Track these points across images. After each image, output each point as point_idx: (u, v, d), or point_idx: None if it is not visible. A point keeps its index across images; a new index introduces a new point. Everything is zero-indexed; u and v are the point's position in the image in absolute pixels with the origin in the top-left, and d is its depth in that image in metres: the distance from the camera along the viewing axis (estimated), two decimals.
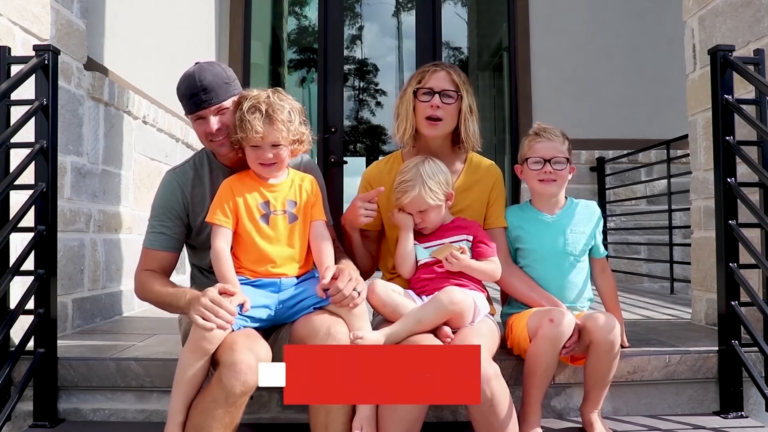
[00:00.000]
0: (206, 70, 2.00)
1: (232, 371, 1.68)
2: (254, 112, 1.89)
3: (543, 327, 1.93)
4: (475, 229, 2.13)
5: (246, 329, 1.84)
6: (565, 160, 2.16)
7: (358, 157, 6.42)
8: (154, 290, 1.98)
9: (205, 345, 1.73)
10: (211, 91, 1.97)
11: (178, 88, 2.02)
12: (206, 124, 1.99)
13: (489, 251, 2.09)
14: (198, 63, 2.04)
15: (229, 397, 1.69)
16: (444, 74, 2.17)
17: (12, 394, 2.06)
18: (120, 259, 3.23)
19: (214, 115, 1.98)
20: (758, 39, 2.49)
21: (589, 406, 2.06)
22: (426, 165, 2.07)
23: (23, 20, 2.39)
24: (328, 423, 1.81)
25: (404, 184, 2.06)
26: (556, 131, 2.19)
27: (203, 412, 1.73)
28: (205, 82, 1.97)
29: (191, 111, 2.01)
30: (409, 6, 6.22)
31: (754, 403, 2.25)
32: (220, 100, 1.98)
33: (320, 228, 2.00)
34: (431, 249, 2.08)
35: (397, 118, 2.24)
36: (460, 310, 1.89)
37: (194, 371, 1.75)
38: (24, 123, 2.13)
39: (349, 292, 1.84)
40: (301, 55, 6.51)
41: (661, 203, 4.86)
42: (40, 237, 2.14)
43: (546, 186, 2.17)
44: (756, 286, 2.31)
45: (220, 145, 2.02)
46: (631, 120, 5.20)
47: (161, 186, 2.10)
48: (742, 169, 2.33)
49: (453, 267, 2.03)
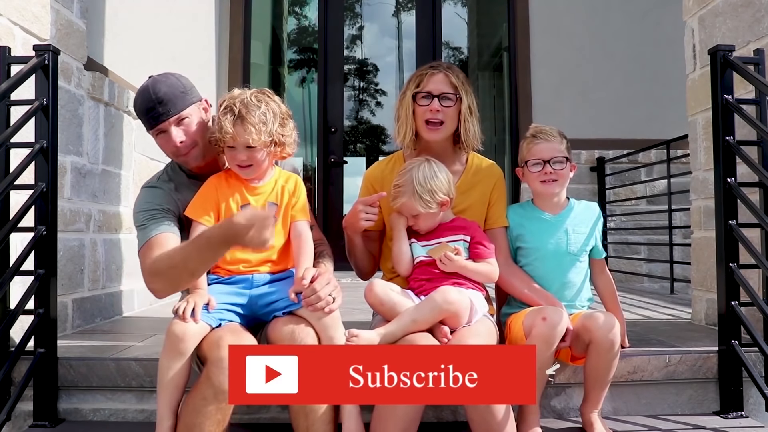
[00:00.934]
0: (160, 82, 1.96)
1: (220, 367, 1.68)
2: (227, 112, 1.86)
3: (536, 326, 1.94)
4: (474, 229, 2.12)
5: (231, 324, 1.84)
6: (565, 159, 2.16)
7: (358, 157, 6.42)
8: (166, 255, 1.83)
9: (180, 346, 1.73)
10: (168, 102, 1.93)
11: (135, 104, 1.99)
12: (170, 138, 1.95)
13: (486, 253, 2.08)
14: (151, 76, 2.00)
15: (218, 393, 1.69)
16: (442, 77, 2.16)
17: (12, 394, 2.07)
18: (120, 259, 3.23)
19: (176, 126, 1.95)
20: (758, 39, 2.49)
21: (589, 406, 2.06)
22: (420, 171, 2.03)
23: (23, 20, 2.39)
24: (308, 426, 1.80)
25: (396, 189, 2.06)
26: (553, 131, 2.19)
27: (194, 411, 1.73)
28: (161, 94, 1.92)
29: (151, 126, 1.96)
30: (409, 6, 6.22)
31: (754, 403, 2.25)
32: (178, 110, 1.94)
33: (301, 228, 1.97)
34: (429, 247, 2.08)
35: (397, 121, 2.24)
36: (455, 309, 1.89)
37: (174, 373, 1.75)
38: (24, 123, 2.13)
39: (324, 296, 1.80)
40: (301, 55, 6.51)
41: (661, 203, 4.86)
42: (40, 237, 2.14)
43: (548, 186, 2.17)
44: (756, 286, 2.31)
45: (192, 158, 1.99)
46: (631, 120, 5.20)
47: (142, 195, 2.01)
48: (742, 169, 2.33)
49: (447, 268, 2.02)
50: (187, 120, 1.96)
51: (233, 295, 1.90)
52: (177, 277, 1.82)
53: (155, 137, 2.00)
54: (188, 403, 1.75)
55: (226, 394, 1.66)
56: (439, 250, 2.03)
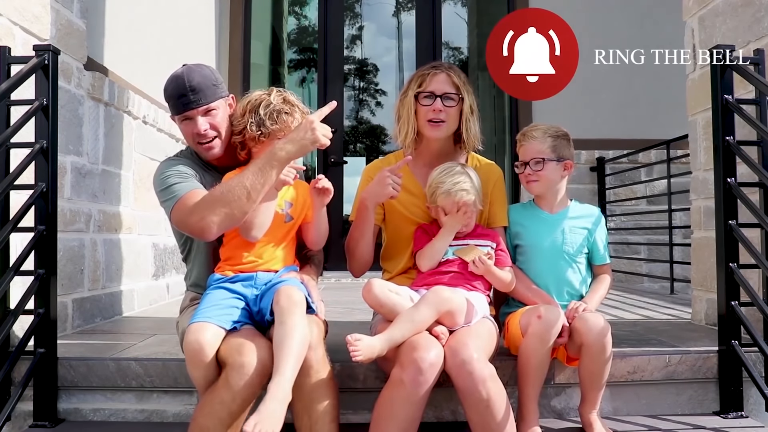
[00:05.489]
0: (195, 71, 2.01)
1: (240, 373, 1.69)
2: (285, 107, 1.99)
3: (532, 324, 1.95)
4: (496, 237, 2.18)
5: (247, 329, 1.85)
6: (542, 160, 2.16)
7: (358, 157, 6.43)
8: (220, 184, 1.88)
9: (200, 356, 1.75)
10: (200, 92, 1.98)
11: (166, 88, 2.03)
12: (194, 125, 2.00)
13: (508, 260, 2.15)
14: (186, 65, 2.05)
15: (236, 398, 1.70)
16: (444, 77, 2.17)
17: (12, 394, 2.06)
18: (120, 259, 3.23)
19: (202, 116, 2.00)
20: (758, 39, 2.49)
21: (587, 407, 2.06)
22: (473, 172, 2.13)
23: (23, 20, 2.39)
24: (312, 425, 1.80)
25: (456, 186, 2.07)
26: (538, 131, 2.20)
27: (210, 414, 1.73)
28: (194, 83, 1.98)
29: (179, 111, 2.01)
30: (409, 6, 6.22)
31: (754, 403, 2.25)
32: (209, 101, 2.00)
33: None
34: (455, 248, 2.11)
35: (398, 120, 2.24)
36: (449, 308, 1.89)
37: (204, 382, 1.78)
38: (24, 123, 2.13)
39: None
40: (301, 55, 6.51)
41: (661, 203, 4.86)
42: (40, 237, 2.14)
43: (530, 187, 2.22)
44: (756, 286, 2.31)
45: (208, 149, 2.03)
46: (631, 120, 5.20)
47: (166, 163, 2.04)
48: (742, 169, 2.32)
49: (478, 270, 2.06)
50: (214, 112, 2.01)
51: (239, 294, 1.92)
52: (235, 200, 1.80)
53: (180, 122, 2.04)
54: (205, 405, 1.76)
55: (245, 401, 1.69)
56: (467, 252, 2.08)
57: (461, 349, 1.79)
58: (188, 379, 1.84)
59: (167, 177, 1.97)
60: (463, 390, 1.79)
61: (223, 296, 1.90)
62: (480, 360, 1.78)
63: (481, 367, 1.77)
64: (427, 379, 1.76)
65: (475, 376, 1.76)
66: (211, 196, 1.85)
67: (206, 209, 1.83)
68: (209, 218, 1.82)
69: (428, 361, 1.76)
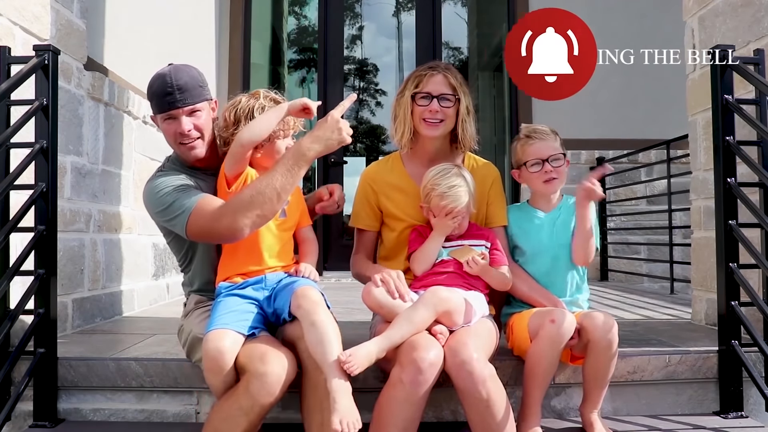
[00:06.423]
0: (182, 70, 2.01)
1: (262, 382, 1.69)
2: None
3: (544, 327, 1.94)
4: (491, 236, 2.17)
5: (266, 336, 1.85)
6: (562, 156, 2.17)
7: (358, 157, 6.43)
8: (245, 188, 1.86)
9: (220, 364, 1.74)
10: (186, 92, 1.98)
11: (151, 85, 2.02)
12: (177, 125, 1.99)
13: (503, 260, 2.14)
14: (172, 64, 2.04)
15: (255, 406, 1.70)
16: (441, 78, 2.17)
17: (12, 394, 2.07)
18: (120, 259, 3.23)
19: (187, 116, 1.99)
20: (758, 39, 2.49)
21: (589, 406, 2.06)
22: (467, 174, 2.12)
23: (23, 20, 2.39)
24: (323, 421, 1.79)
25: (452, 189, 2.06)
26: (546, 129, 2.21)
27: (227, 419, 1.74)
28: (181, 82, 1.97)
29: (163, 110, 2.00)
30: (409, 6, 6.23)
31: (754, 403, 2.25)
32: (194, 102, 2.00)
33: (307, 233, 2.13)
34: (449, 249, 2.11)
35: (394, 120, 2.24)
36: (447, 307, 1.89)
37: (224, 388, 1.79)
38: (24, 123, 2.13)
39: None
40: (301, 55, 6.51)
41: (661, 203, 4.86)
42: (40, 237, 2.14)
43: (549, 186, 2.19)
44: (756, 286, 2.31)
45: (191, 149, 2.02)
46: (631, 120, 5.20)
47: (159, 180, 1.98)
48: (742, 169, 2.33)
49: (472, 270, 2.05)
50: (198, 113, 2.01)
51: (251, 298, 1.92)
52: (266, 202, 1.81)
53: (162, 122, 2.02)
54: (222, 409, 1.76)
55: (262, 408, 1.70)
56: (462, 252, 2.07)
57: (461, 349, 1.79)
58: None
59: (163, 195, 1.93)
60: (463, 390, 1.79)
61: (236, 303, 1.90)
62: (480, 360, 1.78)
63: (481, 367, 1.77)
64: (427, 379, 1.76)
65: (475, 376, 1.76)
66: (240, 200, 1.83)
67: (237, 213, 1.82)
68: (241, 221, 1.82)
69: (428, 361, 1.76)
